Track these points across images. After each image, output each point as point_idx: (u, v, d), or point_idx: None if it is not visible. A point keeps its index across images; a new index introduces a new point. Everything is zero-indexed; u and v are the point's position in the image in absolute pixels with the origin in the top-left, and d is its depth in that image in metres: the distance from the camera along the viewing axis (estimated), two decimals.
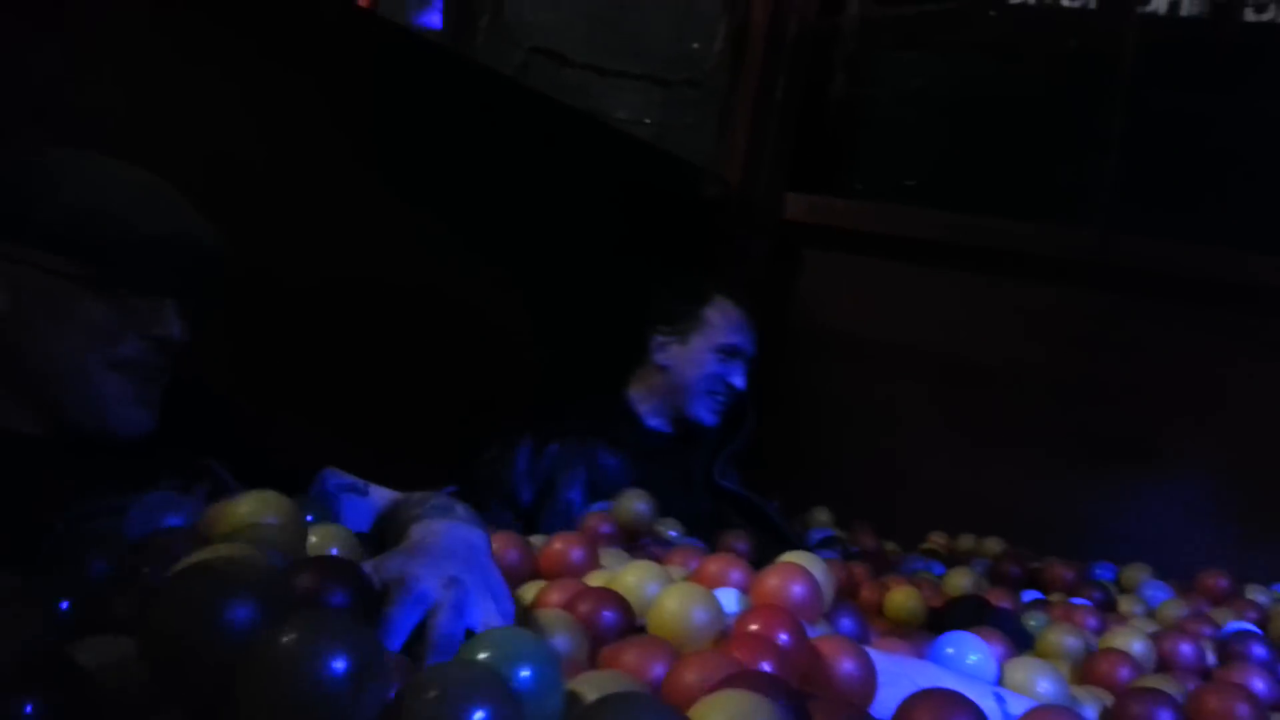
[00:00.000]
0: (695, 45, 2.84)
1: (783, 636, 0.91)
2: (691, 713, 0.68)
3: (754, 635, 0.91)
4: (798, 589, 1.04)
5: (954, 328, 2.54)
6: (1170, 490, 2.33)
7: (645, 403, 2.00)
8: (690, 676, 0.79)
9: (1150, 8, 2.56)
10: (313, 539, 0.93)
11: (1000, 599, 1.55)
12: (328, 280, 1.65)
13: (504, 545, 1.19)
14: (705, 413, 1.96)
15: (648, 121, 2.81)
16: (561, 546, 1.23)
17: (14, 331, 0.97)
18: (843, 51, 2.77)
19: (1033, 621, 1.39)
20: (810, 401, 2.58)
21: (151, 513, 0.84)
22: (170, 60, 1.41)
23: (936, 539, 2.24)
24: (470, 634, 0.80)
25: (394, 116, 1.77)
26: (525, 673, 0.67)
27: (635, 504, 1.58)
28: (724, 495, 1.92)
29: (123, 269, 0.98)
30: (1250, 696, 1.01)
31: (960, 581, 1.62)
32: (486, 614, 0.83)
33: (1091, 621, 1.44)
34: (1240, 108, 2.43)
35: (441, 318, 1.87)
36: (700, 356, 1.95)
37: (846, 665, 0.90)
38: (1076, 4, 2.64)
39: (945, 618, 1.33)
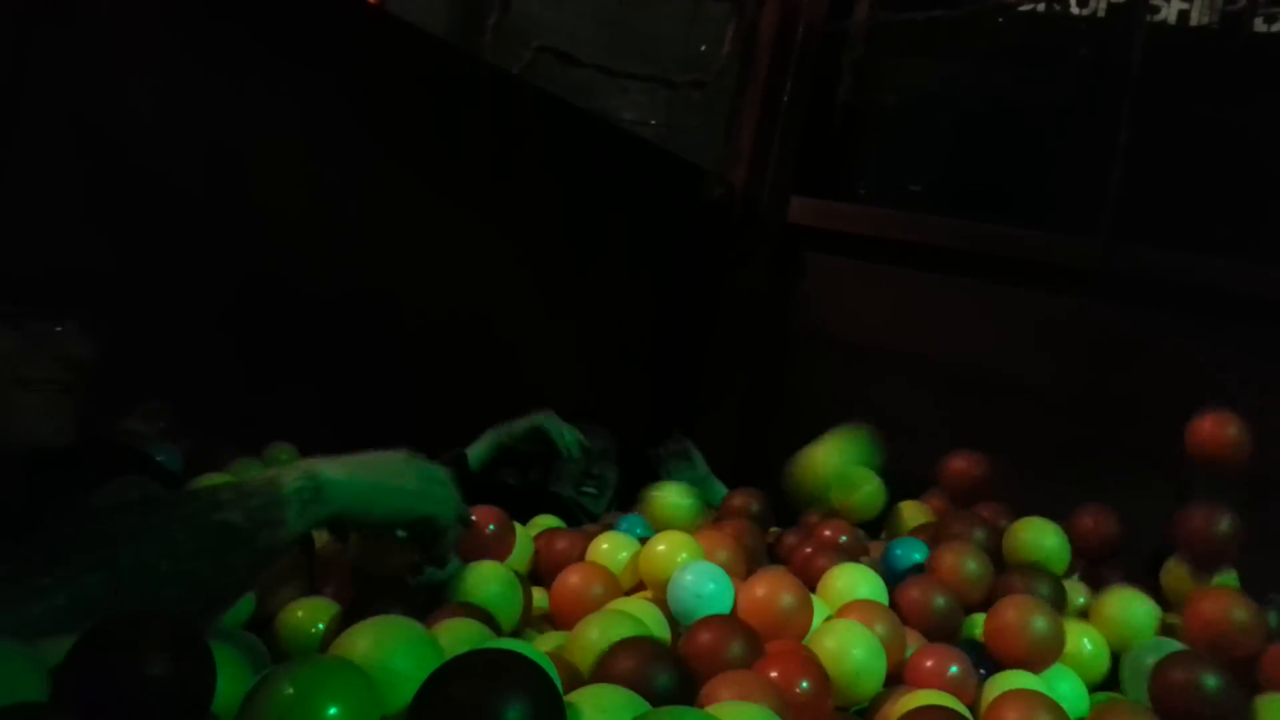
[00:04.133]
0: (703, 47, 2.84)
1: None
2: None
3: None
4: None
5: (957, 334, 2.52)
6: (1174, 501, 2.30)
7: None
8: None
9: (1159, 17, 2.55)
10: None
11: None
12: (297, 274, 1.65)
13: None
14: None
15: (653, 123, 2.80)
16: None
17: None
18: (850, 56, 2.76)
19: None
20: (811, 405, 2.55)
21: None
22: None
23: None
24: None
25: (398, 112, 1.77)
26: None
27: None
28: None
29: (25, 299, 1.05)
30: None
31: None
32: None
33: None
34: (1249, 118, 2.42)
35: (429, 314, 1.86)
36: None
37: None
38: (1085, 12, 2.63)
39: None
